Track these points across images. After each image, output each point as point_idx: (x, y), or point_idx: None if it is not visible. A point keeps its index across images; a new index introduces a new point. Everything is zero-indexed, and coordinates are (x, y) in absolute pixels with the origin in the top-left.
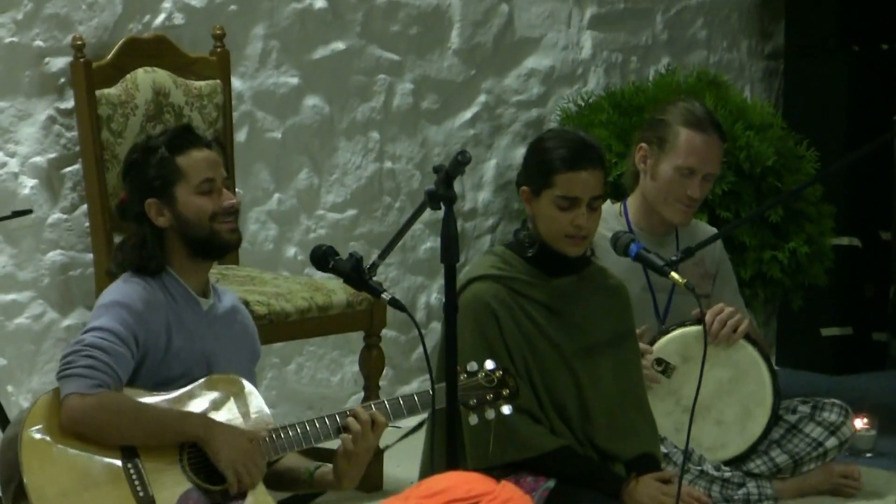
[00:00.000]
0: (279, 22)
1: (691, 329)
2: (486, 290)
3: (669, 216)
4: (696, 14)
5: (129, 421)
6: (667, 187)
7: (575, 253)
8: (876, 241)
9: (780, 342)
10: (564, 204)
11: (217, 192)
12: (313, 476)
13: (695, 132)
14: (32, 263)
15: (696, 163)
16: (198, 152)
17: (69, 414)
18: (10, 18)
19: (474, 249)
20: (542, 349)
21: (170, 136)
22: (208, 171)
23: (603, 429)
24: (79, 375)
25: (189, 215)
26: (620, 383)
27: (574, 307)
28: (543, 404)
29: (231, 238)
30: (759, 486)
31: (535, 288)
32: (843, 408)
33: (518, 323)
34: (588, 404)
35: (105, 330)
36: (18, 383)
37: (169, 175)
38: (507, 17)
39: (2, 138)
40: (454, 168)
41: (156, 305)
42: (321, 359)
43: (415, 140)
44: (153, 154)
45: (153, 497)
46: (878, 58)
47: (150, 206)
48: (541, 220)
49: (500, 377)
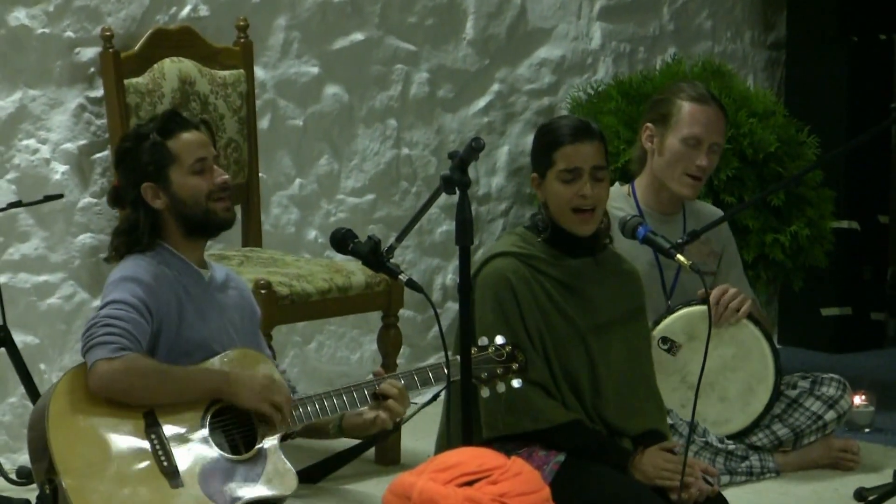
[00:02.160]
0: (300, 13)
1: (696, 309)
2: (506, 265)
3: (679, 190)
4: (702, 6)
5: (156, 380)
6: (675, 159)
7: (584, 231)
8: (874, 225)
9: (781, 322)
10: (568, 177)
11: (209, 170)
12: (342, 425)
13: (696, 104)
14: (64, 246)
15: (702, 132)
16: (188, 134)
17: (98, 379)
18: (42, 10)
19: (488, 233)
20: (557, 323)
21: (159, 122)
22: (199, 151)
23: (612, 405)
24: (102, 343)
25: (184, 195)
26: (630, 361)
27: (589, 286)
28: (556, 377)
29: (226, 216)
30: (762, 459)
31: (552, 266)
32: (840, 382)
33: (535, 297)
34: (599, 380)
35: (119, 302)
36: (50, 361)
37: (162, 159)
38: (520, 8)
39: (34, 126)
40: (468, 154)
41: (163, 278)
42: (341, 338)
43: (431, 127)
44: (145, 140)
45: (176, 467)
46: (876, 48)
47: (147, 189)
48: (550, 200)
49: (509, 352)
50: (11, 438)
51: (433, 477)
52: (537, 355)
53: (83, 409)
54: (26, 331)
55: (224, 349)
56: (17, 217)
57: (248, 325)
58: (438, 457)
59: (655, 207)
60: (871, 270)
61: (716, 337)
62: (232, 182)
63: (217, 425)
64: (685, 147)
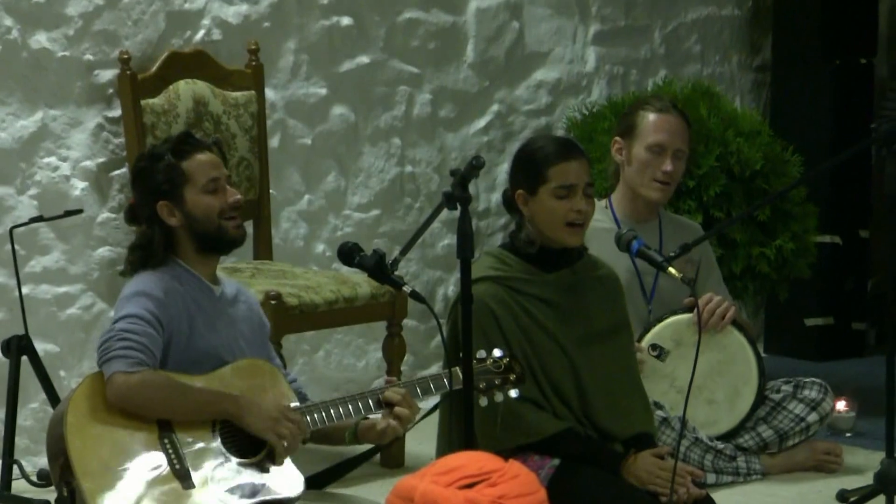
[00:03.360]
0: (309, 37)
1: (683, 316)
2: (485, 291)
3: (649, 195)
4: (691, 30)
5: (171, 397)
6: (643, 166)
7: (575, 242)
8: (855, 239)
9: (767, 331)
10: (563, 193)
11: (222, 189)
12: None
13: (659, 114)
14: (83, 259)
15: (664, 139)
16: (201, 155)
17: (116, 391)
18: (62, 34)
19: (487, 246)
20: (539, 341)
21: (173, 144)
22: (212, 172)
23: (602, 410)
24: (119, 357)
25: (198, 213)
26: (617, 368)
27: (570, 299)
28: (545, 391)
29: (237, 234)
30: (749, 461)
31: (531, 284)
32: (822, 386)
33: (516, 319)
34: (585, 388)
35: (132, 316)
36: (70, 368)
37: (176, 178)
38: (518, 33)
39: (55, 144)
40: (469, 171)
41: (174, 293)
42: (347, 346)
43: (433, 146)
44: (160, 160)
45: (188, 469)
46: (857, 71)
47: (162, 207)
48: (541, 216)
49: (506, 363)
50: (32, 442)
51: (435, 480)
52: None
53: (99, 414)
54: (47, 339)
55: (234, 359)
56: (39, 231)
57: (257, 336)
58: (440, 460)
59: (631, 216)
60: (852, 282)
61: (702, 343)
62: (243, 198)
63: (227, 430)
64: (651, 154)
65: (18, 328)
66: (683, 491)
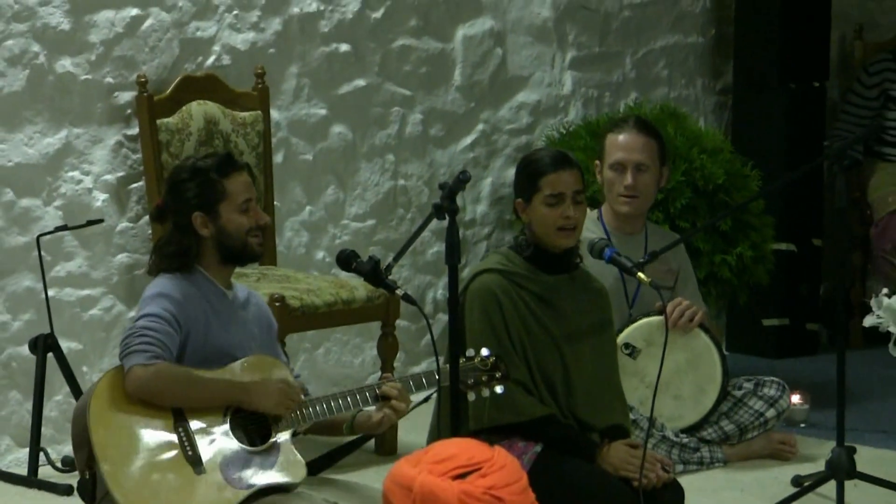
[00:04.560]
0: (310, 62)
1: (654, 319)
2: (491, 280)
3: (618, 209)
4: (659, 56)
5: (184, 387)
6: (610, 185)
7: (567, 244)
8: (809, 247)
9: (729, 331)
10: (552, 201)
11: (253, 210)
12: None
13: (616, 133)
14: (104, 264)
15: (622, 157)
16: (239, 176)
17: (134, 383)
18: (85, 59)
19: (473, 253)
20: (535, 332)
21: (218, 162)
22: (247, 193)
23: (582, 403)
24: (138, 351)
25: (230, 229)
26: (598, 365)
27: (563, 300)
28: (535, 378)
29: (258, 251)
30: (711, 451)
31: (531, 282)
32: (780, 384)
33: (517, 309)
34: (571, 381)
35: (153, 315)
36: (91, 364)
37: (216, 195)
38: (501, 59)
39: (78, 160)
40: (456, 185)
41: (192, 296)
42: (345, 344)
43: (424, 161)
44: (201, 175)
45: (200, 456)
46: (810, 94)
47: (196, 218)
48: (535, 222)
49: (493, 362)
50: (57, 432)
51: (430, 469)
52: (519, 358)
53: (119, 405)
54: (71, 338)
55: (245, 356)
56: (64, 239)
57: (266, 336)
58: (434, 448)
59: (619, 228)
60: (806, 287)
61: (671, 343)
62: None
63: (236, 420)
64: (614, 172)
65: (45, 328)
66: (653, 476)
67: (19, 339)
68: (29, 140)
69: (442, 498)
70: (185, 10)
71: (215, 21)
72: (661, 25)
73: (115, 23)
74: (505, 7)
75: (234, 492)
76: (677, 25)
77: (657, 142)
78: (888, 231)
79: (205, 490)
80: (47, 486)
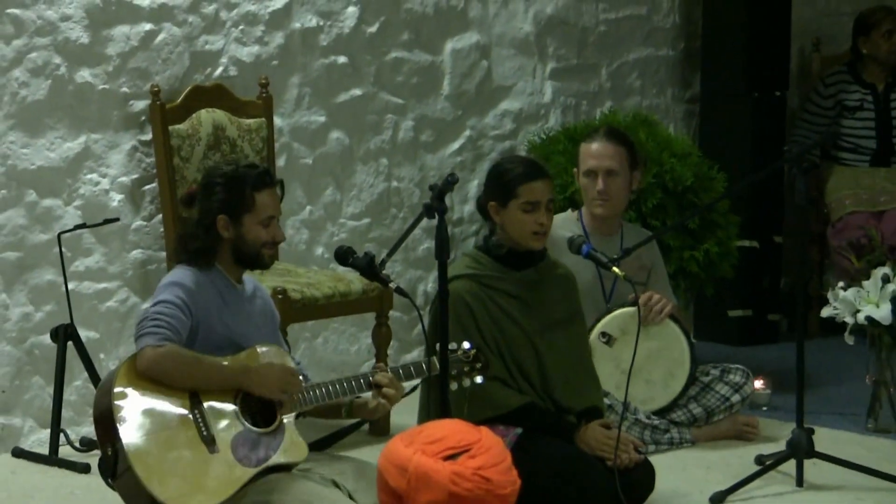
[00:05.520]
0: (311, 73)
1: (628, 310)
2: (461, 286)
3: (593, 211)
4: (633, 68)
5: (190, 368)
6: (584, 190)
7: (539, 246)
8: (771, 244)
9: (696, 321)
10: (528, 208)
11: (273, 226)
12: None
13: (587, 143)
14: (119, 260)
15: (592, 164)
16: (270, 192)
17: (145, 360)
18: (103, 70)
19: (460, 249)
20: (508, 329)
21: (256, 175)
22: (272, 210)
23: (560, 387)
24: (150, 333)
25: (248, 238)
26: (572, 352)
27: (534, 294)
28: (511, 371)
29: (269, 262)
30: (680, 432)
31: (501, 280)
32: (745, 371)
33: (489, 310)
34: (546, 369)
35: (166, 302)
36: (108, 352)
37: (244, 205)
38: (487, 70)
39: (96, 163)
40: (445, 186)
41: (204, 286)
42: (342, 334)
43: (415, 165)
44: (237, 183)
45: (213, 436)
46: (772, 102)
47: (220, 220)
48: (511, 226)
49: (474, 354)
50: (76, 414)
51: (423, 450)
52: (494, 356)
53: (141, 387)
54: (89, 328)
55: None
56: (83, 236)
57: (269, 326)
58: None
59: (597, 230)
60: (768, 280)
61: (644, 332)
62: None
63: (246, 404)
64: (587, 179)
65: (65, 318)
66: (626, 456)
67: (41, 328)
68: (50, 145)
69: (435, 479)
70: (195, 25)
71: (223, 35)
72: (635, 39)
73: (131, 37)
74: (490, 22)
75: (243, 470)
76: (649, 40)
77: (627, 148)
78: (845, 230)
79: (217, 467)
80: (67, 464)
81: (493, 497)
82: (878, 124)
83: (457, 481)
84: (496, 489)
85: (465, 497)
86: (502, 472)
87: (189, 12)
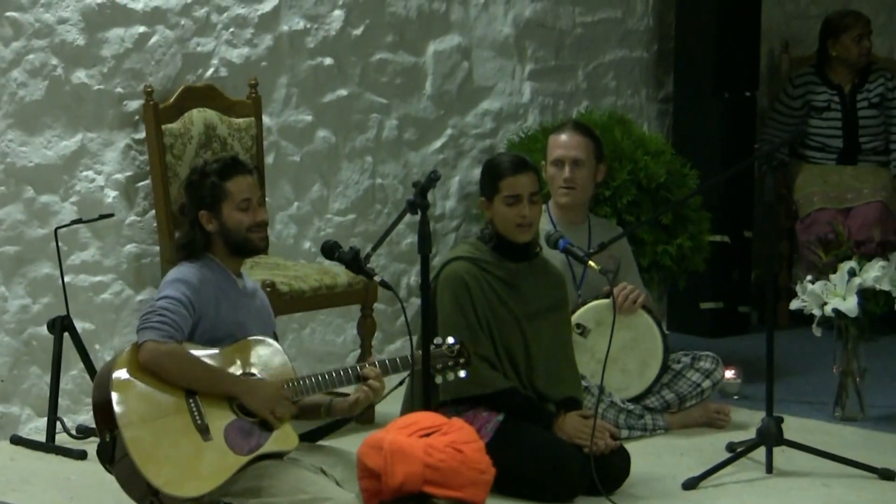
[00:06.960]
0: (298, 74)
1: (602, 301)
2: (460, 267)
3: (559, 200)
4: (608, 69)
5: (190, 371)
6: (551, 179)
7: (524, 238)
8: (741, 239)
9: (669, 313)
10: (511, 201)
11: (252, 208)
12: (330, 407)
13: (555, 135)
14: (114, 253)
15: (561, 153)
16: (241, 178)
17: (147, 355)
18: (98, 71)
19: (442, 244)
20: (499, 312)
21: (221, 166)
22: (247, 193)
23: (541, 376)
24: (154, 328)
25: (230, 225)
26: (555, 341)
27: (524, 284)
28: (499, 353)
29: (260, 244)
30: (654, 418)
31: (496, 267)
32: (714, 358)
33: (483, 292)
34: (531, 356)
35: (171, 297)
36: (103, 343)
37: (218, 195)
38: (468, 71)
39: (91, 161)
40: (428, 183)
41: (206, 282)
42: (328, 325)
43: (399, 162)
44: (207, 178)
45: (207, 425)
46: (743, 102)
47: (202, 216)
48: (496, 218)
49: (458, 349)
50: (73, 403)
51: (398, 431)
52: (485, 335)
53: (139, 376)
54: (84, 319)
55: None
56: (79, 231)
57: (266, 324)
58: (400, 418)
59: (564, 218)
60: (738, 274)
61: (618, 323)
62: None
63: None
64: (554, 168)
65: (61, 310)
66: (602, 443)
67: (39, 320)
68: (48, 143)
69: (409, 452)
70: (187, 28)
71: (214, 38)
72: (610, 42)
73: (125, 39)
74: (471, 25)
75: (236, 457)
76: (624, 42)
77: (593, 141)
78: (813, 226)
79: (211, 455)
80: (63, 451)
81: (469, 469)
82: (845, 124)
83: (431, 452)
84: (470, 462)
85: (440, 468)
86: (475, 451)
87: (181, 15)
